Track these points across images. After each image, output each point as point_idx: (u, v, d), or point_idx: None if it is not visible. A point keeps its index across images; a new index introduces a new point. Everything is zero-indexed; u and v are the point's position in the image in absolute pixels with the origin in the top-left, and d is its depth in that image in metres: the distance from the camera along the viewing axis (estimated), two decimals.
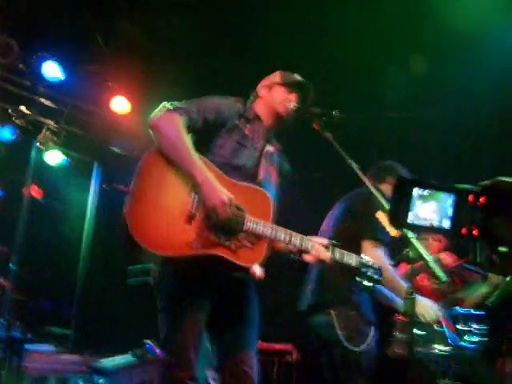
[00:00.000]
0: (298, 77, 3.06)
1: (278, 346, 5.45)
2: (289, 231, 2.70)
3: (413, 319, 2.45)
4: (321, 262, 2.73)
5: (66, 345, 6.51)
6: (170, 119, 2.69)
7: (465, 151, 6.38)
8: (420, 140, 6.45)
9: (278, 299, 5.73)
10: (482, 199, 1.39)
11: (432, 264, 2.43)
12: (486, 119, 6.27)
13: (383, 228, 3.02)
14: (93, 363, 5.22)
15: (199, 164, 2.61)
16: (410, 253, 2.42)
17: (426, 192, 1.41)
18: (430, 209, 1.41)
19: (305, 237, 2.73)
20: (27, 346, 5.35)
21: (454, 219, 1.40)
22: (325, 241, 2.77)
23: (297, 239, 2.70)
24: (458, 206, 1.40)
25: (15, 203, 6.97)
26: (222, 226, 2.58)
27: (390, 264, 3.14)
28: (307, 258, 2.74)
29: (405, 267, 4.63)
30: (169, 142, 2.65)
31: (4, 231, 6.92)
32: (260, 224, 2.64)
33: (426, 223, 1.42)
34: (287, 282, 5.77)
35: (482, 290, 4.85)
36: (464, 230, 1.41)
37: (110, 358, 5.14)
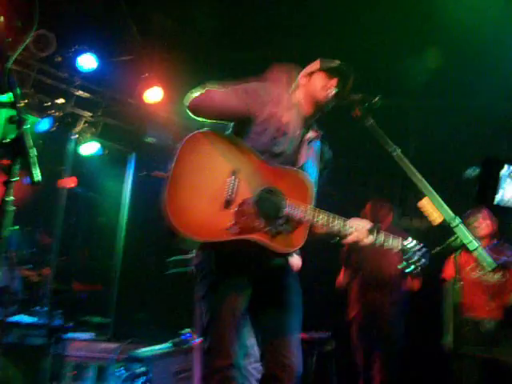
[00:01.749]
0: (338, 62, 3.00)
1: (316, 336, 5.43)
2: (331, 214, 2.65)
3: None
4: (363, 245, 2.67)
5: (106, 333, 6.61)
6: (208, 94, 2.72)
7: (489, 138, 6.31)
8: (448, 128, 6.39)
9: (316, 288, 5.71)
10: None
11: (480, 250, 2.36)
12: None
13: None
14: (132, 351, 5.28)
15: None
16: (457, 240, 2.36)
17: None
18: None
19: (347, 220, 2.67)
20: (68, 335, 5.44)
21: None
22: (368, 223, 2.69)
23: (339, 222, 2.65)
24: None
25: (53, 194, 7.09)
26: (260, 210, 2.56)
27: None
28: (349, 241, 2.67)
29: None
30: (206, 101, 2.70)
31: (43, 222, 7.05)
32: (300, 208, 2.60)
33: None
34: (326, 269, 5.77)
35: None
36: None
37: (149, 347, 5.18)
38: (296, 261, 4.30)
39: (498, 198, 1.33)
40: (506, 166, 1.34)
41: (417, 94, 6.52)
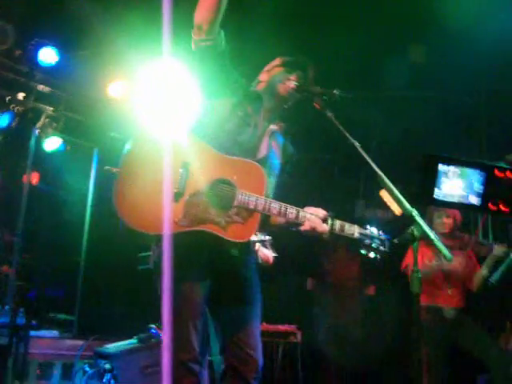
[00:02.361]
0: (297, 56, 3.04)
1: (282, 327, 5.47)
2: (283, 204, 2.67)
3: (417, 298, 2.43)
4: (319, 233, 2.69)
5: (71, 331, 6.54)
6: None
7: (463, 131, 6.41)
8: (418, 120, 6.46)
9: (281, 280, 5.75)
10: (509, 174, 1.37)
11: (436, 242, 2.41)
12: (485, 100, 6.28)
13: None
14: (98, 348, 5.24)
15: None
16: (415, 231, 2.40)
17: (452, 168, 1.39)
18: (457, 185, 1.40)
19: (301, 209, 2.70)
20: (32, 333, 5.37)
21: (483, 195, 1.38)
22: (322, 212, 2.73)
23: (292, 211, 2.67)
24: (486, 182, 1.38)
25: (16, 191, 6.97)
26: (211, 201, 2.57)
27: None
28: (304, 229, 2.70)
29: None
30: None
31: (6, 219, 6.93)
32: (252, 198, 2.62)
33: (454, 199, 1.41)
34: (291, 261, 5.81)
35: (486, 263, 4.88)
36: (492, 206, 1.39)
37: (115, 343, 5.16)
38: (267, 253, 4.33)
39: (436, 192, 1.36)
40: (440, 165, 1.38)
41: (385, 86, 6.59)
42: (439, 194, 1.40)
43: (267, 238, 4.18)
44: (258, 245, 4.67)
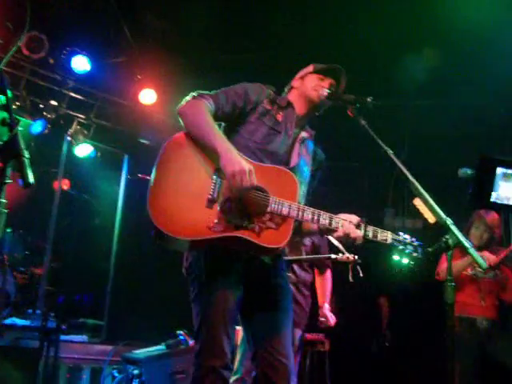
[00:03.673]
0: (330, 64, 3.03)
1: (309, 336, 5.43)
2: (316, 210, 2.65)
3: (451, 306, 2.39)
4: (352, 239, 2.66)
5: (100, 336, 6.60)
6: (196, 104, 2.71)
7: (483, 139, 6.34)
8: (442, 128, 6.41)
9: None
10: None
11: (471, 250, 2.38)
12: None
13: None
14: (126, 353, 5.28)
15: (221, 136, 2.63)
16: (449, 240, 2.37)
17: (510, 171, 1.37)
18: None
19: (334, 215, 2.68)
20: (62, 337, 5.43)
21: None
22: (355, 218, 2.69)
23: (326, 218, 2.65)
24: None
25: (47, 197, 7.08)
26: (245, 207, 2.56)
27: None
28: (337, 236, 2.67)
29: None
30: (193, 121, 2.67)
31: (37, 224, 7.04)
32: (285, 204, 2.60)
33: (510, 202, 1.39)
34: None
35: None
36: None
37: (144, 349, 5.18)
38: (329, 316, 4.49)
39: (494, 196, 1.34)
40: (498, 168, 1.36)
41: (411, 94, 6.54)
42: (496, 196, 1.38)
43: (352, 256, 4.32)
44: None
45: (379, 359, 6.97)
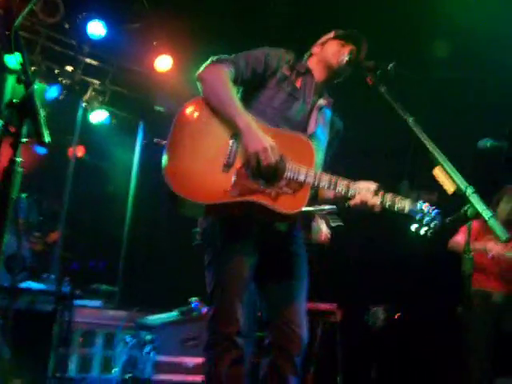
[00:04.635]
0: (351, 30, 2.96)
1: (322, 306, 5.42)
2: (334, 177, 2.60)
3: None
4: (369, 207, 2.60)
5: (113, 301, 6.66)
6: (216, 70, 2.67)
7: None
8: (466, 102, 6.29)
9: (323, 258, 5.69)
10: None
11: (491, 221, 2.32)
12: None
13: None
14: (139, 319, 5.33)
15: (242, 110, 2.58)
16: (469, 210, 2.32)
17: None
18: None
19: (351, 182, 2.62)
20: (76, 302, 5.49)
21: None
22: (373, 185, 2.62)
23: (342, 184, 2.60)
24: None
25: (62, 162, 7.09)
26: (262, 173, 2.53)
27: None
28: (354, 203, 2.62)
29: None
30: (213, 90, 2.63)
31: (52, 191, 7.07)
32: (302, 171, 2.56)
33: None
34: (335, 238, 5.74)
35: None
36: None
37: (157, 315, 5.23)
38: (324, 231, 4.29)
39: None
40: None
41: (434, 65, 6.41)
42: None
43: (327, 207, 4.12)
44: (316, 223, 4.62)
45: (390, 333, 6.97)
